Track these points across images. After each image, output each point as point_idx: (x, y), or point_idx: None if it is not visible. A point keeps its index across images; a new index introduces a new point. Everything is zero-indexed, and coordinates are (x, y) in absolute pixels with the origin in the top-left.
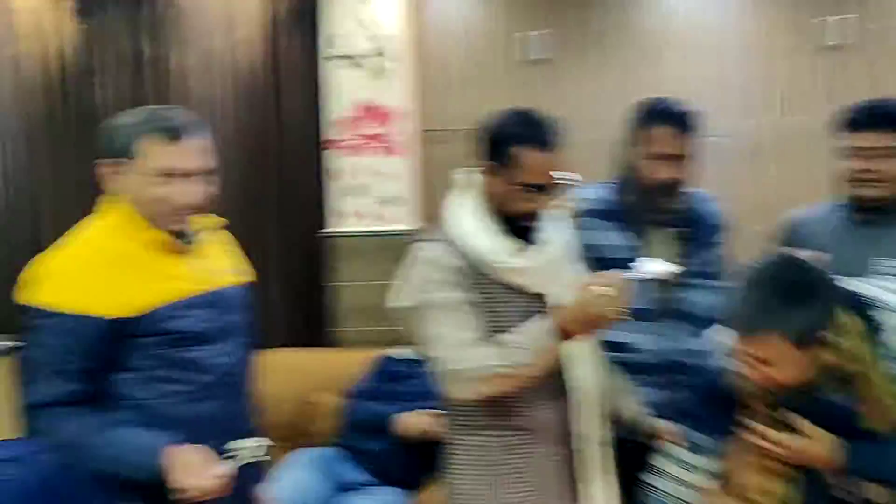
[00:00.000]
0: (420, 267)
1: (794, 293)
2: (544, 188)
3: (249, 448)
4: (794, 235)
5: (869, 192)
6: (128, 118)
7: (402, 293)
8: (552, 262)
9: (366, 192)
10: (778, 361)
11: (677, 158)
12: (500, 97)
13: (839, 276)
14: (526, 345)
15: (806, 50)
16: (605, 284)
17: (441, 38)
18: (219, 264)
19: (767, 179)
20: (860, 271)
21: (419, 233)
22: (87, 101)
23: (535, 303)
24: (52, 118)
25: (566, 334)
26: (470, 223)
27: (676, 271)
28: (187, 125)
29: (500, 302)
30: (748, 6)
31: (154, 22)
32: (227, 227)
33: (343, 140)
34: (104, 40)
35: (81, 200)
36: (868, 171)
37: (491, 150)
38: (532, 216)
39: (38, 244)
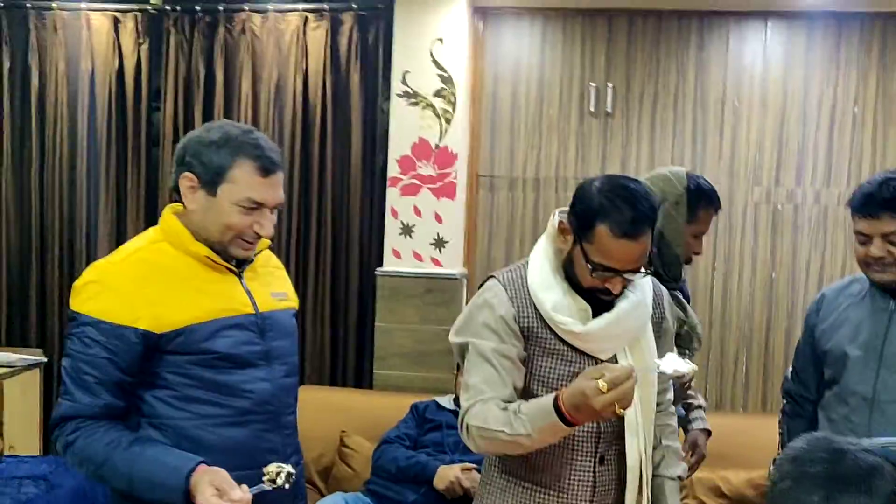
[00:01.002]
0: (477, 307)
1: (842, 483)
2: (618, 273)
3: (273, 472)
4: (820, 308)
5: (875, 275)
6: (218, 135)
7: (456, 328)
8: (615, 325)
9: (421, 233)
10: None
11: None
12: (558, 147)
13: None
14: (527, 418)
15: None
16: (612, 381)
17: (503, 84)
18: (267, 288)
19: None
20: (878, 347)
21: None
22: (154, 122)
23: (588, 362)
24: (118, 136)
25: (568, 418)
26: (544, 273)
27: (695, 370)
28: (276, 158)
29: (549, 356)
30: (832, 72)
31: (226, 47)
32: (283, 259)
33: (402, 178)
34: (174, 63)
35: (140, 217)
36: (870, 255)
37: (576, 213)
38: (601, 291)
39: (95, 259)
